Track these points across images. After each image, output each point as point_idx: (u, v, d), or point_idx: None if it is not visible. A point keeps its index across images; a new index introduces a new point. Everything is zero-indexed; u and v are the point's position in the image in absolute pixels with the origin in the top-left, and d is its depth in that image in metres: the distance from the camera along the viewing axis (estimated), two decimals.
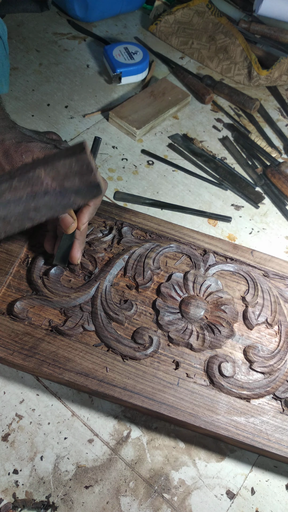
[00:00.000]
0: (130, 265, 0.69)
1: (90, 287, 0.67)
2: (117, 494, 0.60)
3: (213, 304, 0.67)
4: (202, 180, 0.91)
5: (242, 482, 0.62)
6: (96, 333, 0.64)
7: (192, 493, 0.61)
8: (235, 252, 0.73)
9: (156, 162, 0.92)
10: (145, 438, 0.64)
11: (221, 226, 0.85)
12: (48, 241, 0.66)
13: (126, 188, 0.88)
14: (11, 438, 0.62)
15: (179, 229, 0.74)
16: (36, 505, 0.58)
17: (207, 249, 0.73)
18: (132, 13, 1.20)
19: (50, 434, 0.63)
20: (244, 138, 0.97)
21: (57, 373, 0.60)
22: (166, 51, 1.12)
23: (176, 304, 0.67)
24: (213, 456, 0.63)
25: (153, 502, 0.59)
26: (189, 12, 1.09)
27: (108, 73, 1.05)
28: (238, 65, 1.07)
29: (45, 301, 0.65)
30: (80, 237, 0.63)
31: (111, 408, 0.65)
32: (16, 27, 1.12)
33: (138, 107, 0.96)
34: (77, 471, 0.61)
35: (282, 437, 0.59)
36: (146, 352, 0.63)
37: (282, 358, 0.64)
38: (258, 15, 1.14)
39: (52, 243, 0.66)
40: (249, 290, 0.70)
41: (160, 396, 0.60)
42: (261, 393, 0.62)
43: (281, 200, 0.90)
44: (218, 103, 1.04)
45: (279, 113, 1.05)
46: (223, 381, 0.62)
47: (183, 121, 1.00)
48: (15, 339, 0.62)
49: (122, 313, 0.65)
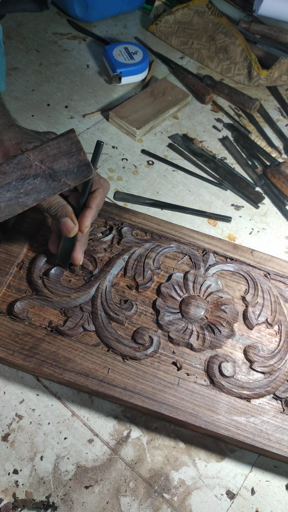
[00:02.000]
0: (130, 265, 0.69)
1: (90, 287, 0.67)
2: (117, 494, 0.60)
3: (213, 304, 0.67)
4: (202, 180, 0.91)
5: (242, 482, 0.62)
6: (96, 333, 0.64)
7: (192, 493, 0.61)
8: (235, 252, 0.73)
9: (156, 162, 0.92)
10: (145, 438, 0.64)
11: (221, 226, 0.85)
12: (52, 241, 0.66)
13: (126, 188, 0.88)
14: (11, 438, 0.62)
15: (179, 229, 0.74)
16: (36, 505, 0.58)
17: (207, 249, 0.73)
18: (132, 13, 1.20)
19: (50, 434, 0.63)
20: (244, 138, 0.97)
21: (57, 373, 0.60)
22: (166, 51, 1.12)
23: (176, 304, 0.67)
24: (213, 456, 0.63)
25: (153, 502, 0.59)
26: (189, 12, 1.08)
27: (108, 73, 1.05)
28: (238, 65, 1.07)
29: (45, 301, 0.65)
30: (82, 239, 0.63)
31: (111, 408, 0.65)
32: (16, 27, 1.12)
33: (138, 107, 0.96)
34: (77, 471, 0.61)
35: (283, 436, 0.59)
36: (146, 352, 0.63)
37: (282, 358, 0.64)
38: (258, 15, 1.14)
39: (56, 244, 0.66)
40: (249, 290, 0.70)
41: (161, 396, 0.60)
42: (261, 393, 0.62)
43: (281, 200, 0.90)
44: (218, 103, 1.04)
45: (279, 113, 1.05)
46: (224, 381, 0.62)
47: (183, 121, 1.00)
48: (15, 339, 0.62)
49: (122, 313, 0.65)
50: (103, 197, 0.61)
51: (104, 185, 0.61)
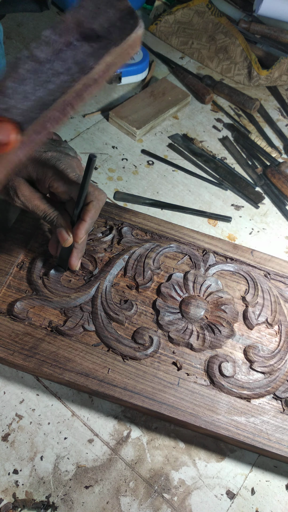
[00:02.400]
0: (130, 265, 0.69)
1: (90, 287, 0.67)
2: (117, 494, 0.60)
3: (213, 304, 0.67)
4: (202, 180, 0.91)
5: (242, 482, 0.62)
6: (97, 333, 0.64)
7: (192, 493, 0.61)
8: (235, 252, 0.73)
9: (156, 162, 0.92)
10: (145, 438, 0.64)
11: (221, 226, 0.85)
12: (52, 244, 0.66)
13: (126, 188, 0.88)
14: (11, 438, 0.62)
15: (179, 229, 0.74)
16: (36, 505, 0.58)
17: (207, 249, 0.73)
18: None
19: (50, 434, 0.63)
20: (244, 138, 0.97)
21: (57, 373, 0.60)
22: (166, 51, 1.12)
23: (176, 304, 0.67)
24: (213, 456, 0.63)
25: (153, 502, 0.59)
26: (189, 12, 1.08)
27: None
28: (238, 65, 1.07)
29: (45, 301, 0.65)
30: (79, 246, 0.63)
31: (111, 408, 0.65)
32: (16, 27, 1.12)
33: (138, 107, 0.96)
34: (77, 471, 0.61)
35: (283, 436, 0.59)
36: (146, 352, 0.63)
37: (282, 358, 0.64)
38: (258, 15, 1.14)
39: (55, 247, 0.65)
40: (249, 290, 0.70)
41: (161, 396, 0.60)
42: (261, 393, 0.62)
43: (281, 200, 0.90)
44: (218, 103, 1.04)
45: (279, 113, 1.05)
46: (224, 381, 0.62)
47: (183, 121, 1.00)
48: (15, 339, 0.62)
49: (122, 313, 0.65)
50: (97, 210, 0.60)
51: (98, 197, 0.60)
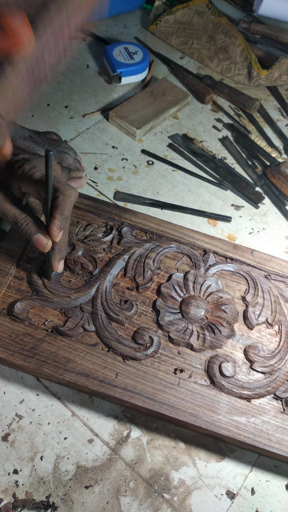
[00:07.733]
0: (130, 265, 0.69)
1: (90, 288, 0.67)
2: (117, 494, 0.60)
3: (214, 304, 0.67)
4: (202, 180, 0.91)
5: (242, 482, 0.62)
6: (97, 334, 0.64)
7: (192, 493, 0.61)
8: (235, 252, 0.73)
9: (156, 162, 0.92)
10: (145, 438, 0.64)
11: (221, 226, 0.85)
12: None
13: (126, 188, 0.88)
14: (11, 438, 0.62)
15: (179, 229, 0.74)
16: (36, 505, 0.58)
17: (207, 249, 0.73)
18: (132, 13, 1.20)
19: (50, 434, 0.63)
20: (244, 138, 0.97)
21: (57, 374, 0.60)
22: (166, 51, 1.12)
23: (176, 304, 0.67)
24: (213, 456, 0.63)
25: (153, 502, 0.59)
26: (189, 12, 1.08)
27: (108, 73, 1.05)
28: (238, 65, 1.07)
29: (45, 301, 0.65)
30: (57, 247, 0.61)
31: (111, 408, 0.65)
32: None
33: (138, 107, 0.96)
34: (77, 471, 0.61)
35: (283, 437, 0.59)
36: (146, 352, 0.63)
37: (282, 358, 0.64)
38: (258, 15, 1.14)
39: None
40: (249, 290, 0.70)
41: (161, 396, 0.60)
42: (261, 393, 0.62)
43: (281, 200, 0.90)
44: (218, 103, 1.04)
45: (279, 113, 1.05)
46: (224, 381, 0.62)
47: (183, 121, 1.00)
48: (15, 339, 0.62)
49: (123, 313, 0.65)
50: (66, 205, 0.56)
51: (65, 193, 0.56)
